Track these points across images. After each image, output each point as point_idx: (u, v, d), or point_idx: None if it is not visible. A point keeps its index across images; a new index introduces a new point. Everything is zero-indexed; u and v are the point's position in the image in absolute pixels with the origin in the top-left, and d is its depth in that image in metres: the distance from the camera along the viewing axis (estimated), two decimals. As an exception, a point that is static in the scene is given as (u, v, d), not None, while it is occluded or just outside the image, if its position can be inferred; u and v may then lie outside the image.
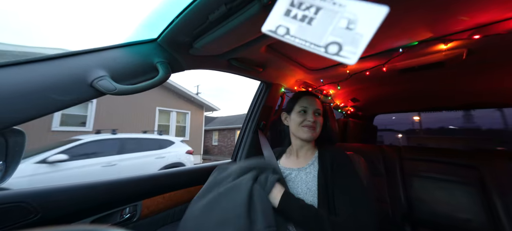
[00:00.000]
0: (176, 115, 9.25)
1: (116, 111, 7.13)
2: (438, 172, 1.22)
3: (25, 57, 0.48)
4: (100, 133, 4.37)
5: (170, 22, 0.62)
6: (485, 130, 5.57)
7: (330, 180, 0.71)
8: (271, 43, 0.87)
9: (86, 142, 3.80)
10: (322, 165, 0.76)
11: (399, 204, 1.27)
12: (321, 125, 0.84)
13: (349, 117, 2.23)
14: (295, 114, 0.85)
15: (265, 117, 1.34)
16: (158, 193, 0.91)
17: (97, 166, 3.71)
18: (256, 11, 0.53)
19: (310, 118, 0.81)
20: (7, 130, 0.45)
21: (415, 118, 4.48)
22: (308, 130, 0.81)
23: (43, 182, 3.47)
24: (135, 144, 4.35)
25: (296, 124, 0.84)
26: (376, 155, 1.41)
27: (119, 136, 4.27)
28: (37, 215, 0.59)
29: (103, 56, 0.59)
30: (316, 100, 0.86)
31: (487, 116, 5.48)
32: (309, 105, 0.84)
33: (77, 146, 3.66)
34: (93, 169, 3.66)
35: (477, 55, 0.97)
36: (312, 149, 0.86)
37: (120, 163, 3.97)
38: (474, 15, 0.70)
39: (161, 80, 0.67)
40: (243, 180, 0.66)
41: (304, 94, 0.88)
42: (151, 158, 4.45)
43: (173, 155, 4.83)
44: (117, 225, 0.78)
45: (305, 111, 0.83)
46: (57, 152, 3.36)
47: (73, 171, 3.41)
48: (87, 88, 0.54)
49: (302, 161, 0.83)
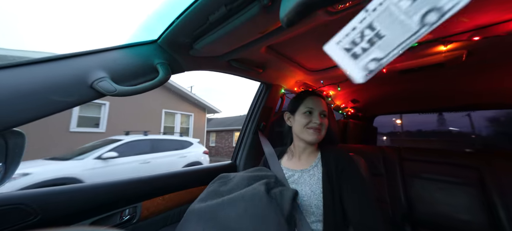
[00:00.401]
0: (180, 117, 9.58)
1: (127, 113, 7.50)
2: (438, 172, 1.22)
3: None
4: (129, 134, 4.94)
5: (171, 23, 0.62)
6: (456, 133, 5.92)
7: (336, 183, 0.70)
8: (271, 44, 0.87)
9: (128, 141, 4.35)
10: (326, 168, 0.74)
11: (399, 204, 1.26)
12: (326, 127, 0.81)
13: (349, 118, 2.23)
14: (300, 116, 0.81)
15: (265, 117, 1.34)
16: (158, 195, 0.91)
17: (136, 163, 4.23)
18: (256, 12, 0.53)
19: (316, 120, 0.78)
20: (7, 131, 0.45)
21: (397, 122, 4.75)
22: (313, 132, 0.77)
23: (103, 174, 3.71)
24: (162, 144, 4.91)
25: (300, 125, 0.80)
26: (376, 156, 1.41)
27: (150, 137, 4.84)
28: (37, 216, 0.59)
29: (103, 57, 0.59)
30: (322, 101, 0.83)
31: (458, 120, 5.82)
32: (315, 106, 0.80)
33: (122, 145, 4.21)
34: (134, 166, 4.17)
35: (477, 57, 0.97)
36: (315, 151, 0.83)
37: (153, 161, 4.50)
38: (473, 16, 0.70)
39: (161, 81, 0.67)
40: (255, 190, 0.60)
41: (309, 95, 0.84)
42: (175, 157, 5.01)
43: (193, 154, 5.43)
44: (117, 226, 0.77)
45: (311, 113, 0.80)
46: (108, 150, 3.94)
47: (120, 167, 3.97)
48: (87, 90, 0.54)
49: (305, 163, 0.81)
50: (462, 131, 5.49)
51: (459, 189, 1.13)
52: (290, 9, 0.38)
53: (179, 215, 0.97)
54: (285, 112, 0.91)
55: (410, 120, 5.92)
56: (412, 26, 0.23)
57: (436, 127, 6.07)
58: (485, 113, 5.42)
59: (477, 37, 0.79)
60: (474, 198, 1.08)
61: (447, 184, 1.17)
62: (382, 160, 1.39)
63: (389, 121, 6.26)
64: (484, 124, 5.15)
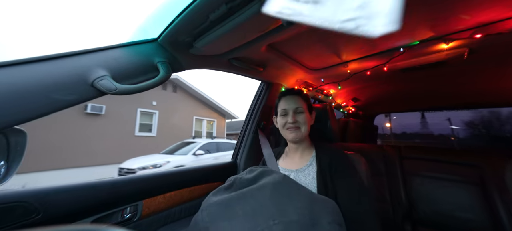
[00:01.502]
0: (206, 123, 11.12)
1: (168, 120, 9.03)
2: (438, 171, 1.22)
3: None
4: (195, 138, 6.88)
5: (171, 21, 0.62)
6: (437, 135, 6.31)
7: (330, 181, 0.70)
8: (271, 42, 0.87)
9: (207, 143, 6.10)
10: (320, 166, 0.75)
11: (400, 203, 1.26)
12: (306, 121, 0.80)
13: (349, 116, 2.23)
14: (279, 117, 0.85)
15: (266, 116, 1.34)
16: (159, 193, 0.91)
17: (211, 159, 5.70)
18: (257, 11, 0.53)
19: (290, 119, 0.80)
20: (8, 129, 0.45)
21: (386, 125, 5.06)
22: (290, 131, 0.80)
23: (199, 164, 4.99)
24: (222, 145, 6.51)
25: (280, 126, 0.85)
26: (376, 155, 1.41)
27: (216, 140, 6.58)
28: (39, 214, 0.59)
29: (104, 56, 0.59)
30: (295, 98, 0.84)
31: (440, 123, 6.21)
32: (288, 106, 0.83)
33: (204, 145, 5.93)
34: (210, 160, 5.58)
35: (479, 55, 0.96)
36: (308, 148, 0.84)
37: (220, 158, 5.89)
38: (475, 14, 0.70)
39: (162, 80, 0.67)
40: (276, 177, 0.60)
41: (283, 95, 0.87)
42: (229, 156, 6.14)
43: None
44: (118, 224, 0.78)
45: (286, 113, 0.83)
46: (198, 148, 5.67)
47: (205, 161, 5.42)
48: (88, 88, 0.54)
49: (300, 162, 0.82)
50: (443, 134, 5.90)
51: (460, 187, 1.13)
52: None
53: (179, 213, 0.98)
54: (273, 115, 0.95)
55: (396, 123, 6.13)
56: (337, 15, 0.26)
57: (419, 129, 6.53)
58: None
59: (479, 35, 0.79)
60: (475, 196, 1.08)
61: (448, 182, 1.17)
62: (382, 159, 1.39)
63: (379, 122, 6.58)
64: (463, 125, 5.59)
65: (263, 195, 0.53)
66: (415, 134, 6.81)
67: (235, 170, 1.31)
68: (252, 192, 0.55)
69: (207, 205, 0.55)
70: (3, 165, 0.46)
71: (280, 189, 0.55)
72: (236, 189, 0.60)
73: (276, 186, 0.55)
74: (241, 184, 0.61)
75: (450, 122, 5.79)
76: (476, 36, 0.80)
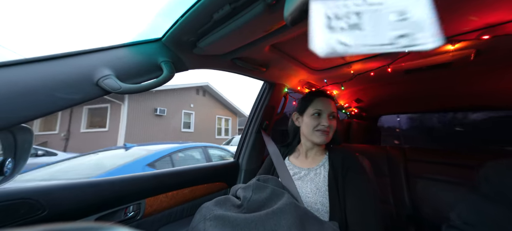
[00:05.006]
0: (224, 121, 13.24)
1: (201, 118, 11.31)
2: (443, 173, 1.20)
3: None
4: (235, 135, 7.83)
5: (175, 21, 0.62)
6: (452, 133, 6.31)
7: (341, 181, 0.71)
8: (275, 42, 0.87)
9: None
10: (333, 167, 0.75)
11: (404, 205, 1.25)
12: (334, 128, 0.80)
13: (353, 117, 2.21)
14: (309, 117, 0.81)
15: (268, 116, 1.34)
16: (162, 192, 0.92)
17: None
18: (261, 11, 0.53)
19: (325, 122, 0.77)
20: (15, 128, 0.46)
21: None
22: (321, 134, 0.77)
23: None
24: None
25: (309, 127, 0.79)
26: (380, 156, 1.40)
27: None
28: (44, 211, 0.60)
29: (109, 55, 0.60)
30: (331, 102, 0.82)
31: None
32: (324, 108, 0.79)
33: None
34: None
35: (486, 56, 0.94)
36: (322, 151, 0.84)
37: None
38: (483, 15, 0.69)
39: (165, 79, 0.67)
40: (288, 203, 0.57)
41: (318, 95, 0.83)
42: None
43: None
44: (121, 223, 0.78)
45: (320, 115, 0.79)
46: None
47: None
48: (93, 87, 0.55)
49: (312, 161, 0.82)
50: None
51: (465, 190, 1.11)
52: (294, 8, 0.38)
53: (182, 212, 0.98)
54: (294, 112, 0.92)
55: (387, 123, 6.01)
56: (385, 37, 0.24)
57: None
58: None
59: (487, 36, 0.77)
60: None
61: (452, 185, 1.15)
62: (386, 160, 1.37)
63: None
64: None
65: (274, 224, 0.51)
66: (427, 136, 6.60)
67: (237, 169, 1.31)
68: (262, 219, 0.52)
69: (212, 216, 0.52)
70: (11, 162, 0.47)
71: (288, 219, 0.52)
72: (245, 209, 0.57)
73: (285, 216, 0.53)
74: (251, 205, 0.58)
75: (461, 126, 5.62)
76: (483, 37, 0.78)
